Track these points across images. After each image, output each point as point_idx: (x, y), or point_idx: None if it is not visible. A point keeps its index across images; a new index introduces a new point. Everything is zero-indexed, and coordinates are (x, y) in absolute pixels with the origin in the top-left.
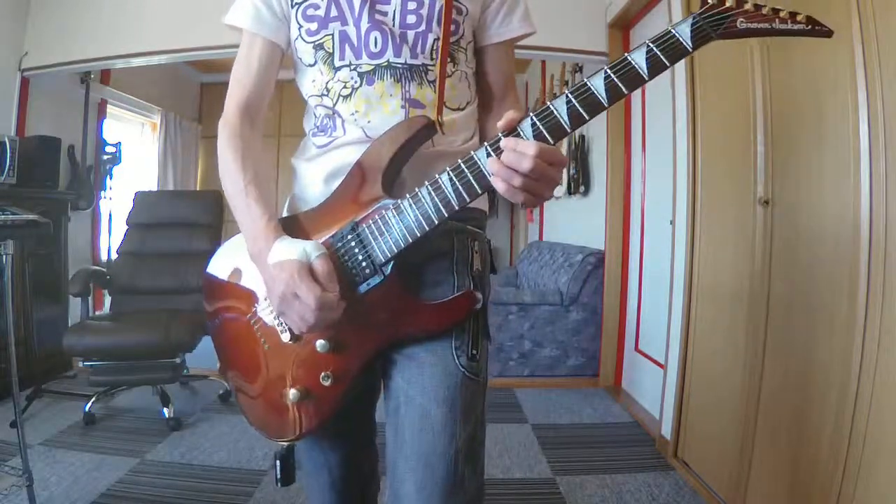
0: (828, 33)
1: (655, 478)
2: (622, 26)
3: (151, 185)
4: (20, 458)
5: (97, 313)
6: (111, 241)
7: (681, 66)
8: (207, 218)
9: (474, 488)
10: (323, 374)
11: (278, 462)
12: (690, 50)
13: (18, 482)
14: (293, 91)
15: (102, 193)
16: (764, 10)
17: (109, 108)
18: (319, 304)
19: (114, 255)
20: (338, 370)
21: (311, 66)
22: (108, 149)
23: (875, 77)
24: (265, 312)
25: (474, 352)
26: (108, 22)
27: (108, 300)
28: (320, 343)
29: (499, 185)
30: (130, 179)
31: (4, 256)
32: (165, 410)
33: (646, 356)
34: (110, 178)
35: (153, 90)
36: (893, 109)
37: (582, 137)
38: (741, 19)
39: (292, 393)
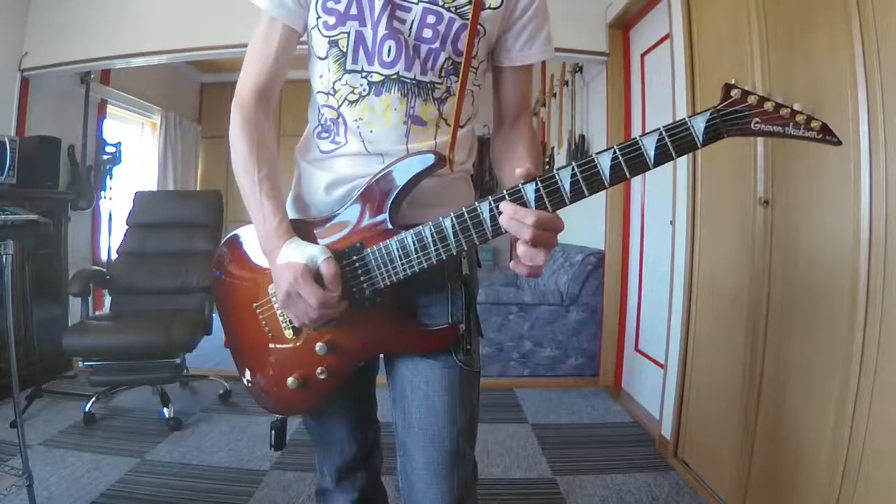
0: (837, 143)
1: (655, 478)
2: (622, 26)
3: (151, 185)
4: (20, 458)
5: (97, 313)
6: (111, 241)
7: (680, 66)
8: (207, 218)
9: (472, 462)
10: (319, 369)
11: (273, 431)
12: (699, 146)
13: (18, 482)
14: (294, 91)
15: (102, 193)
16: (782, 112)
17: (109, 108)
18: (321, 303)
19: (114, 255)
20: (333, 367)
21: (322, 59)
22: (108, 149)
23: (875, 77)
24: (272, 304)
25: (468, 347)
26: (108, 22)
27: (108, 300)
28: (319, 346)
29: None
30: (130, 179)
31: (4, 256)
32: (165, 410)
33: (646, 356)
34: (110, 178)
35: (153, 90)
36: (893, 110)
37: (582, 137)
38: (756, 120)
39: (290, 381)
